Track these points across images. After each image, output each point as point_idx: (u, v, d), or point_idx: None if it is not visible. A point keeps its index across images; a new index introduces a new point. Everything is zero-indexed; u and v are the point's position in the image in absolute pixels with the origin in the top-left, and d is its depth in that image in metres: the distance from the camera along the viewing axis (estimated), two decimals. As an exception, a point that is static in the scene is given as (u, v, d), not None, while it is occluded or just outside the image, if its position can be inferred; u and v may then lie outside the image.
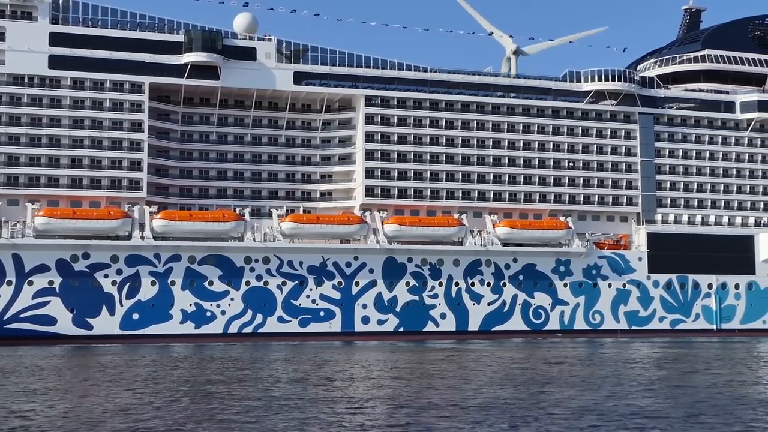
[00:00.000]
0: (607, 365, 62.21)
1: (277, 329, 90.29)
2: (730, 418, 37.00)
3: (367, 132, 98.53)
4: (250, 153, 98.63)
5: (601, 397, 43.30)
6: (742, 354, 75.21)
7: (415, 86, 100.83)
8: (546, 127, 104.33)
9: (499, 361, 65.31)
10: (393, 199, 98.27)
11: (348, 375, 54.08)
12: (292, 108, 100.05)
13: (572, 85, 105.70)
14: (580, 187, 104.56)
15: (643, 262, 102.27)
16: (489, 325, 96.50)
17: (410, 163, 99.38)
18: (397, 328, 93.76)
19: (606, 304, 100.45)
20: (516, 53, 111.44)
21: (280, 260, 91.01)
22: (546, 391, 45.72)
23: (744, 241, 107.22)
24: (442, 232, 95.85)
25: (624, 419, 36.27)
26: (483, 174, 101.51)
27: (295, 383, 48.74)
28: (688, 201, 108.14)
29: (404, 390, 45.82)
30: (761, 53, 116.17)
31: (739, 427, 34.80)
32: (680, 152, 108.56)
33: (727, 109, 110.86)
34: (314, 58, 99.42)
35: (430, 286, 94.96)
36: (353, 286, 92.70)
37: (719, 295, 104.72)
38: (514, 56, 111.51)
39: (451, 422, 35.26)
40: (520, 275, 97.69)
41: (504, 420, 35.76)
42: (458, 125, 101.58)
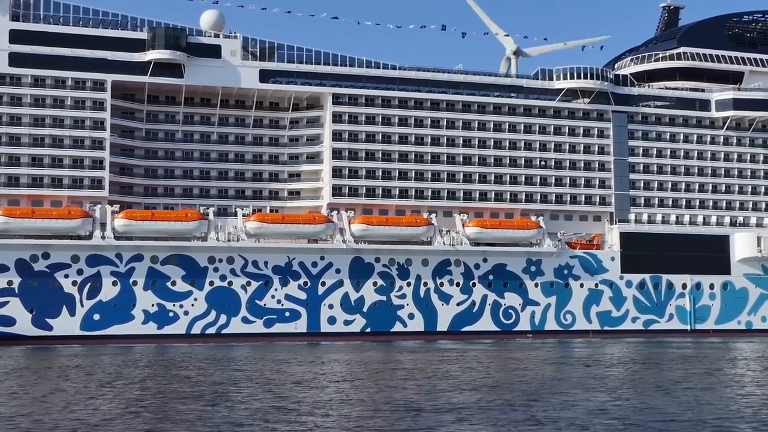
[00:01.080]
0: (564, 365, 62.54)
1: (241, 330, 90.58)
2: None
3: (334, 130, 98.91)
4: (216, 152, 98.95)
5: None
6: (706, 354, 75.59)
7: (384, 84, 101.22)
8: (518, 125, 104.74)
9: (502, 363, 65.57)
10: (361, 198, 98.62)
11: (305, 377, 54.37)
12: (260, 106, 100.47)
13: (544, 83, 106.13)
14: (553, 186, 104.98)
15: (615, 262, 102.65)
16: (458, 326, 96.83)
17: (378, 162, 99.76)
18: (364, 328, 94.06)
19: (578, 304, 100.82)
20: (516, 54, 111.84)
21: (244, 260, 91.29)
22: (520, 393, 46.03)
23: (719, 240, 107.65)
24: (410, 232, 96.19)
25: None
26: (453, 173, 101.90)
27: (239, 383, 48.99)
28: (662, 200, 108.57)
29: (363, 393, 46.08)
30: (738, 51, 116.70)
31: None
32: (654, 151, 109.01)
33: (702, 107, 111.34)
34: (284, 56, 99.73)
35: (398, 286, 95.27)
36: (319, 286, 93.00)
37: (693, 296, 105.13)
38: (514, 56, 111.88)
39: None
40: (490, 275, 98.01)
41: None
42: (428, 124, 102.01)
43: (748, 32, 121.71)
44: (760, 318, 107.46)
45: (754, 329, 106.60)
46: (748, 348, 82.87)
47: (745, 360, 68.35)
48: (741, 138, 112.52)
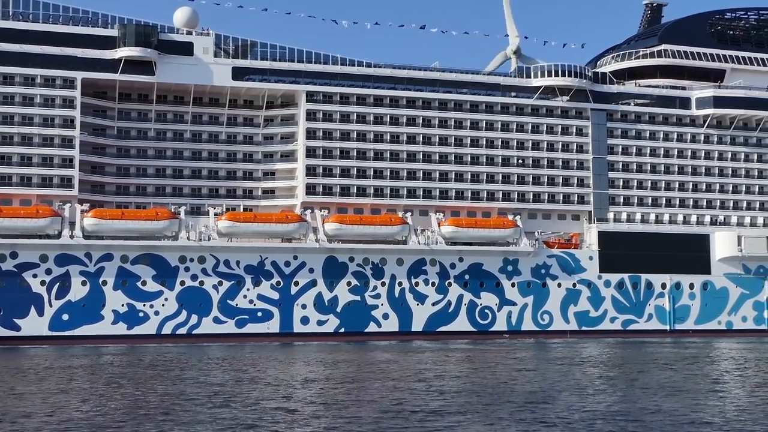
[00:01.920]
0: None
1: (212, 330, 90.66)
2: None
3: (308, 128, 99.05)
4: (189, 150, 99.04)
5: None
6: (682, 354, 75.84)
7: (360, 82, 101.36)
8: (495, 123, 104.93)
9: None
10: (335, 197, 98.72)
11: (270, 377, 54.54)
12: (234, 104, 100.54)
13: (522, 81, 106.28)
14: (530, 185, 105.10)
15: (594, 262, 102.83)
16: (433, 326, 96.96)
17: (353, 160, 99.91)
18: (338, 329, 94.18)
19: (555, 304, 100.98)
20: (516, 53, 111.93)
21: (216, 259, 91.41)
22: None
23: (699, 240, 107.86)
24: (384, 231, 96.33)
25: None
26: (429, 171, 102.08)
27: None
28: (642, 199, 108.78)
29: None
30: (720, 48, 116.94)
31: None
32: (634, 149, 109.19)
33: (683, 105, 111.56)
34: (258, 54, 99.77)
35: (373, 285, 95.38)
36: (292, 286, 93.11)
37: (673, 295, 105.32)
38: (514, 56, 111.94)
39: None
40: (466, 275, 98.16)
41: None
42: (403, 122, 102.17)
43: (730, 30, 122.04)
44: (740, 318, 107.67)
45: (735, 329, 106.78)
46: (727, 348, 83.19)
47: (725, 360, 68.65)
48: (722, 136, 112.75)
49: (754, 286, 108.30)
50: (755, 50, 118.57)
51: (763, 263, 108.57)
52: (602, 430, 34.62)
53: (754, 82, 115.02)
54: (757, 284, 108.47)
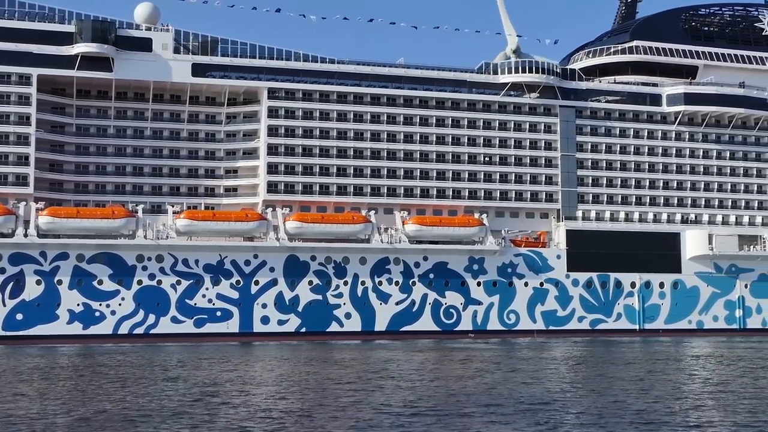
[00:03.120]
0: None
1: (170, 330, 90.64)
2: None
3: (270, 125, 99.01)
4: (149, 147, 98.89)
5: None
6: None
7: (323, 78, 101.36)
8: (461, 120, 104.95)
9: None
10: (297, 195, 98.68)
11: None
12: (196, 101, 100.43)
13: (488, 77, 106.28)
14: (497, 183, 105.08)
15: (561, 260, 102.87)
16: (397, 326, 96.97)
17: (316, 158, 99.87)
18: (299, 328, 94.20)
19: (522, 303, 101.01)
20: (516, 53, 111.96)
21: (174, 258, 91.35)
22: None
23: (670, 238, 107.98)
24: (346, 229, 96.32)
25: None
26: (394, 169, 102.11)
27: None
28: (611, 197, 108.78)
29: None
30: (693, 45, 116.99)
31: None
32: (603, 146, 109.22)
33: (654, 102, 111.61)
34: (222, 50, 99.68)
35: (335, 285, 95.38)
36: (252, 285, 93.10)
37: (642, 294, 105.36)
38: (513, 55, 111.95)
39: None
40: (431, 274, 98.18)
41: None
42: (367, 119, 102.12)
43: (705, 26, 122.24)
44: (711, 317, 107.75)
45: (706, 329, 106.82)
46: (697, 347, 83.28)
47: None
48: (693, 133, 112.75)
49: (725, 285, 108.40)
50: (729, 46, 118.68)
51: (734, 262, 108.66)
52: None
53: (728, 79, 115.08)
54: (729, 283, 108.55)
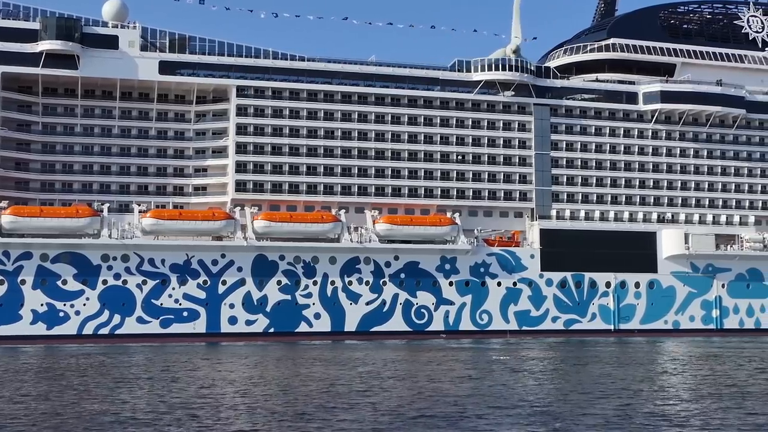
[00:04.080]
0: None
1: (136, 330, 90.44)
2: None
3: (238, 124, 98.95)
4: (117, 146, 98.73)
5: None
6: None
7: (293, 76, 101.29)
8: (434, 118, 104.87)
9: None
10: (266, 194, 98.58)
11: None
12: (165, 99, 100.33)
13: (461, 75, 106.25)
14: (470, 182, 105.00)
15: (535, 260, 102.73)
16: (367, 326, 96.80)
17: (285, 157, 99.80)
18: (267, 329, 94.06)
19: (495, 303, 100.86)
20: (516, 53, 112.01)
21: (140, 258, 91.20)
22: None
23: (645, 237, 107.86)
24: (315, 229, 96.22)
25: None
26: (365, 168, 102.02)
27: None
28: (586, 196, 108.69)
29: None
30: (671, 42, 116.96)
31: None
32: (579, 145, 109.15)
33: (630, 100, 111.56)
34: (196, 48, 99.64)
35: (304, 285, 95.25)
36: (219, 285, 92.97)
37: (618, 294, 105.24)
38: (513, 55, 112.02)
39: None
40: (402, 273, 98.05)
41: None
42: (338, 117, 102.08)
43: (684, 23, 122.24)
44: (688, 318, 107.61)
45: (682, 329, 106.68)
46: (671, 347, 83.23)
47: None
48: (670, 132, 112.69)
49: (702, 284, 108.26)
50: (708, 44, 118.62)
51: (711, 261, 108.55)
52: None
53: (707, 77, 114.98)
54: (706, 283, 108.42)
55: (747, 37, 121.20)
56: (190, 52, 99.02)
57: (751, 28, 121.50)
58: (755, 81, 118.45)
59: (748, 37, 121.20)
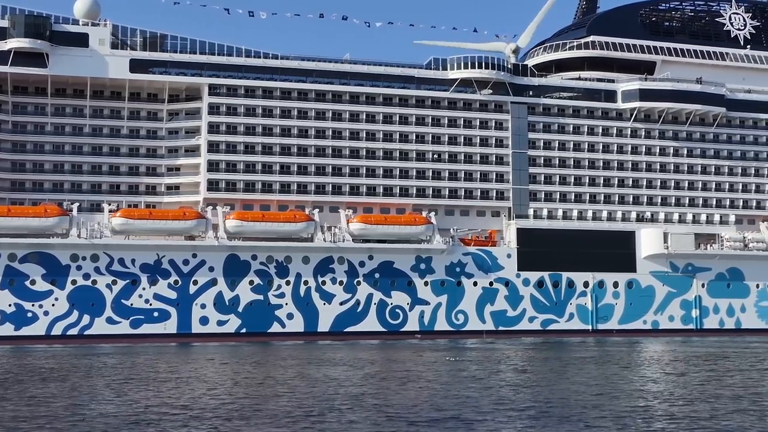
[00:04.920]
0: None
1: (105, 331, 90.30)
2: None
3: (210, 122, 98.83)
4: (89, 145, 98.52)
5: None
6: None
7: (267, 74, 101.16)
8: (409, 117, 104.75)
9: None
10: (239, 193, 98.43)
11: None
12: (137, 98, 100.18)
13: (437, 73, 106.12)
14: (446, 181, 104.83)
15: (512, 259, 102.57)
16: (341, 326, 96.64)
17: (258, 155, 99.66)
18: (239, 329, 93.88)
19: (470, 303, 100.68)
20: (515, 52, 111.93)
21: (110, 258, 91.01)
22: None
23: (624, 236, 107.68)
24: (288, 228, 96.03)
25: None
26: (339, 166, 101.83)
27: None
28: (564, 195, 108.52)
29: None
30: (652, 40, 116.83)
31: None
32: (556, 143, 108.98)
33: (608, 98, 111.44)
34: (172, 46, 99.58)
35: (277, 284, 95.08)
36: (191, 285, 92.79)
37: (596, 294, 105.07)
38: (513, 55, 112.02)
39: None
40: (376, 273, 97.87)
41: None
42: (312, 115, 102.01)
43: (666, 21, 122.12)
44: (667, 317, 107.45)
45: (661, 329, 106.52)
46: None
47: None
48: (650, 130, 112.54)
49: (681, 284, 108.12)
50: (690, 42, 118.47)
51: (691, 261, 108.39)
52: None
53: (687, 75, 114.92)
54: (685, 282, 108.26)
55: (729, 34, 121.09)
56: (163, 50, 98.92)
57: (733, 25, 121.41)
58: (737, 79, 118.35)
59: (730, 34, 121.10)
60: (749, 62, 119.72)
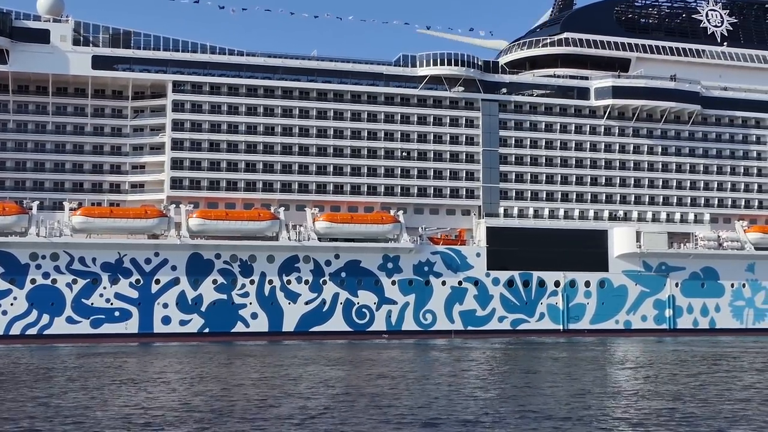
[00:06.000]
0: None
1: (65, 330, 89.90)
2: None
3: (174, 120, 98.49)
4: (51, 142, 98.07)
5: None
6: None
7: (233, 71, 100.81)
8: (378, 114, 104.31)
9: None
10: (203, 191, 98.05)
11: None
12: (102, 95, 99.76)
13: (406, 70, 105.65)
14: (416, 179, 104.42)
15: (481, 258, 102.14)
16: (306, 326, 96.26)
17: (223, 153, 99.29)
18: (202, 329, 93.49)
19: (439, 303, 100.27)
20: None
21: (70, 257, 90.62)
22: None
23: (596, 235, 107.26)
24: (252, 227, 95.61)
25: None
26: (306, 164, 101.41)
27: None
28: (536, 193, 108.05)
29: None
30: (627, 37, 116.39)
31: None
32: (528, 141, 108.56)
33: (581, 96, 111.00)
34: (138, 43, 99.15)
35: (241, 284, 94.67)
36: (153, 284, 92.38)
37: (567, 294, 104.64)
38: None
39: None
40: (343, 272, 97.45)
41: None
42: (278, 113, 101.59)
43: (642, 18, 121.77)
44: (640, 317, 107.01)
45: (634, 329, 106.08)
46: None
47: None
48: (624, 128, 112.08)
49: (654, 283, 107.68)
50: (666, 39, 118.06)
51: (665, 260, 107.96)
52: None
53: (662, 72, 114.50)
54: (658, 282, 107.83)
55: (706, 31, 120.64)
56: (129, 46, 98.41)
57: (710, 22, 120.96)
58: (713, 76, 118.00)
59: (706, 31, 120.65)
60: (726, 59, 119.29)
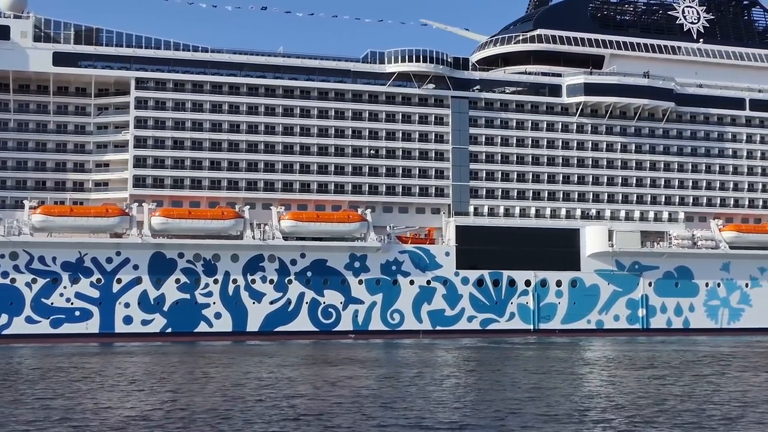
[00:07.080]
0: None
1: (24, 330, 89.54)
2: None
3: (137, 117, 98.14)
4: (13, 140, 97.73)
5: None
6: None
7: (198, 68, 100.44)
8: (345, 111, 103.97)
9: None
10: (167, 189, 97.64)
11: None
12: (65, 92, 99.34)
13: (374, 67, 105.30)
14: (384, 177, 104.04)
15: (450, 258, 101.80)
16: (271, 326, 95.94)
17: (187, 151, 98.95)
18: (165, 328, 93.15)
19: (407, 302, 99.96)
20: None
21: (29, 256, 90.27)
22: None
23: (567, 234, 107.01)
24: (215, 225, 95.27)
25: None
26: (272, 162, 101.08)
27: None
28: (507, 192, 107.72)
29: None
30: (602, 34, 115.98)
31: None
32: (499, 139, 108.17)
33: (553, 93, 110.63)
34: (104, 39, 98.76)
35: (204, 283, 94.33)
36: (114, 284, 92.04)
37: (538, 293, 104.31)
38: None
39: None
40: (308, 271, 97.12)
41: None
42: (244, 110, 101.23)
43: (617, 14, 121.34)
44: (612, 317, 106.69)
45: (606, 329, 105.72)
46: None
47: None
48: (597, 125, 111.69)
49: (627, 283, 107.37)
50: (641, 36, 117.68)
51: (638, 259, 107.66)
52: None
53: (637, 69, 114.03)
54: (631, 281, 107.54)
55: (682, 28, 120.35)
56: (90, 43, 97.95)
57: (686, 19, 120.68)
58: (689, 73, 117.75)
59: (683, 28, 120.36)
60: (702, 56, 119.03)
